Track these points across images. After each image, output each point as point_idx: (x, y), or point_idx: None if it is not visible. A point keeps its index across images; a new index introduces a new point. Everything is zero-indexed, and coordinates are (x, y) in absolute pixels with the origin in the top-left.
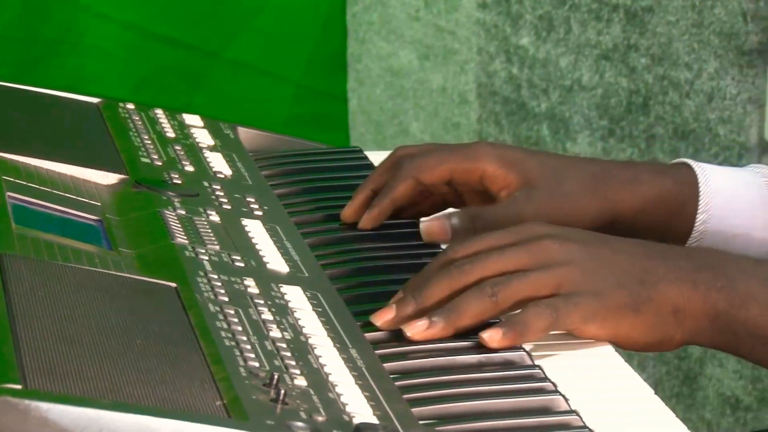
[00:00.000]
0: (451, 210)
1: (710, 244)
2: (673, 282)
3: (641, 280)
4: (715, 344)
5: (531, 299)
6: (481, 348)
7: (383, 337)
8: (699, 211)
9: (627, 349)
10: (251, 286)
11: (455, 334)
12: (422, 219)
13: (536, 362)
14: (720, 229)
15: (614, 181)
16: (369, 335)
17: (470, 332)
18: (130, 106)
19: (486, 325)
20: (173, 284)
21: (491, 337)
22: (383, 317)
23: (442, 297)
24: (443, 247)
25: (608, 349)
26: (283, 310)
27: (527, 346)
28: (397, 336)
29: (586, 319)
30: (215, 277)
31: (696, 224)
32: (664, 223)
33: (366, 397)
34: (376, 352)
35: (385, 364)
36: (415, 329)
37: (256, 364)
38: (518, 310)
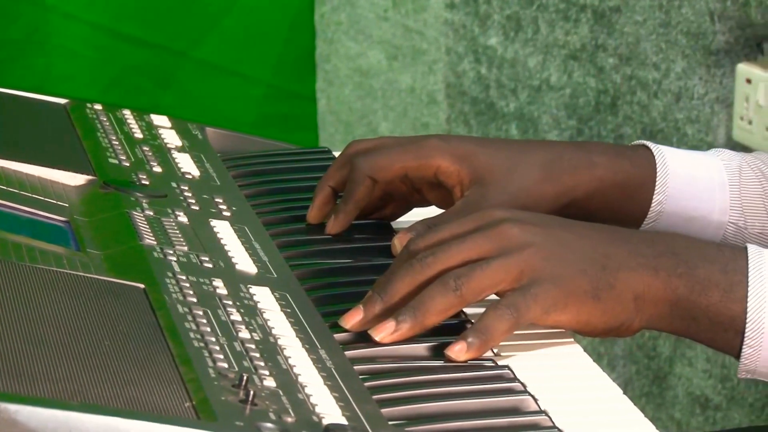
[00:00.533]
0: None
1: (666, 226)
2: (634, 268)
3: (603, 265)
4: (674, 330)
5: (495, 289)
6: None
7: (352, 338)
8: (656, 192)
9: (587, 335)
10: (220, 287)
11: (423, 332)
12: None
13: (505, 362)
14: (677, 211)
15: (568, 164)
16: (338, 336)
17: (438, 330)
18: (98, 106)
19: (450, 329)
20: (141, 285)
21: (458, 352)
22: (352, 319)
23: (408, 293)
24: None
25: (577, 349)
26: (251, 311)
27: (496, 347)
28: (365, 337)
29: (546, 309)
30: (183, 278)
31: (652, 205)
32: (620, 204)
33: (335, 397)
34: (346, 353)
35: (354, 365)
36: (383, 332)
37: (225, 365)
38: (481, 309)
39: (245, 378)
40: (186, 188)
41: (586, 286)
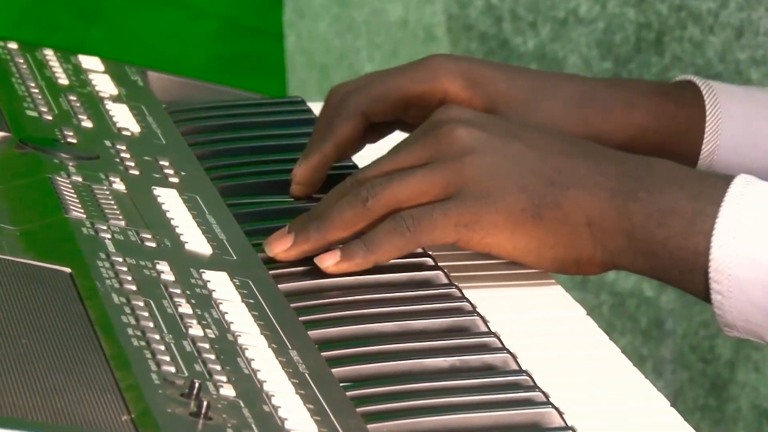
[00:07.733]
0: None
1: None
2: (589, 188)
3: (551, 180)
4: (639, 269)
5: (415, 201)
6: (453, 351)
7: (329, 336)
8: (705, 141)
9: (535, 266)
10: (165, 271)
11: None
12: None
13: (529, 368)
14: (731, 164)
15: (602, 104)
16: (312, 333)
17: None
18: (13, 45)
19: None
20: (67, 269)
21: (326, 262)
22: (278, 246)
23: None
24: None
25: (613, 350)
26: (205, 302)
27: (518, 353)
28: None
29: (457, 226)
30: (120, 260)
31: (701, 157)
32: (662, 156)
33: (310, 410)
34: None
35: (334, 369)
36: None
37: (172, 370)
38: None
39: (197, 385)
40: (123, 148)
41: (523, 203)
